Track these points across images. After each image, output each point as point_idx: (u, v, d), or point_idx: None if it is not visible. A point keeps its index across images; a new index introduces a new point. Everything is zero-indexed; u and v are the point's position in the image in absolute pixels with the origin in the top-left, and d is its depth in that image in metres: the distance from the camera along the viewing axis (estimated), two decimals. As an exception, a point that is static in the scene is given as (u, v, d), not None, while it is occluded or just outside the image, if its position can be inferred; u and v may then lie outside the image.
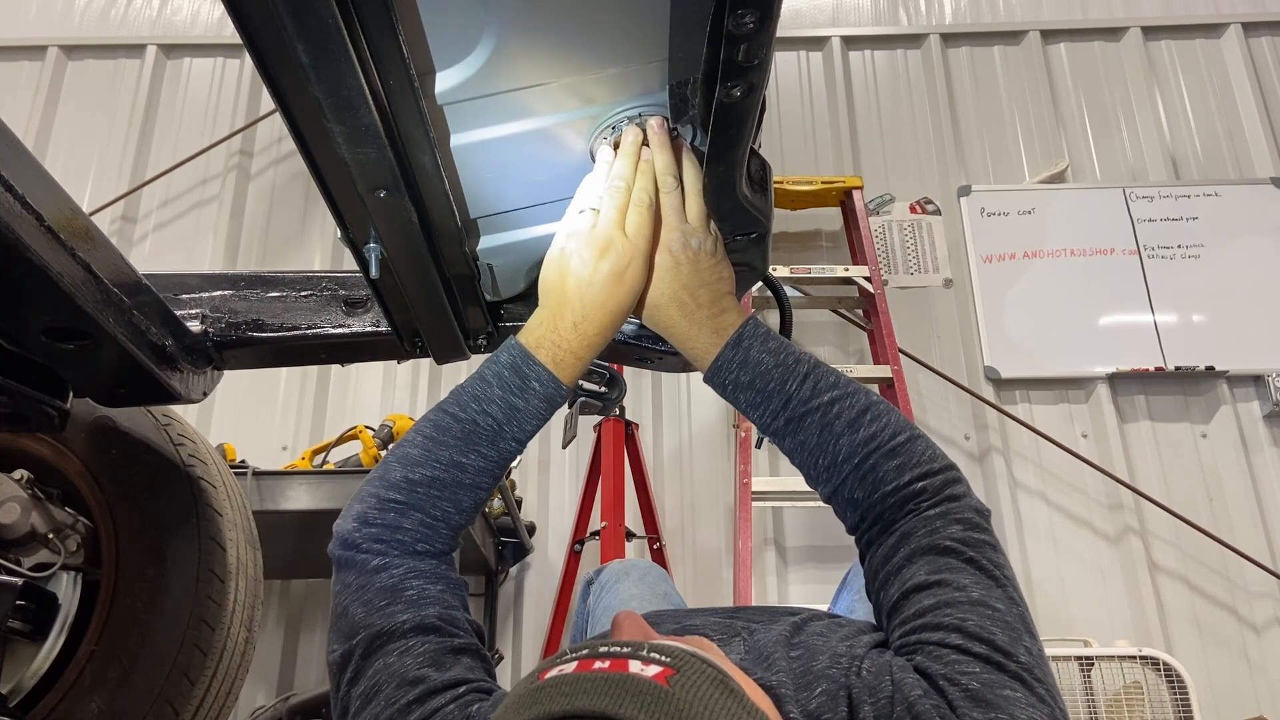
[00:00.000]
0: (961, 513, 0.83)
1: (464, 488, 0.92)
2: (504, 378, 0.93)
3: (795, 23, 4.47)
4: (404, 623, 0.82)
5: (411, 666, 0.79)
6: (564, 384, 0.94)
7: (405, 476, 0.91)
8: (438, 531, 0.91)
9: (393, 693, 0.78)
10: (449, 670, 0.80)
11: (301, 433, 3.74)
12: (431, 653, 0.81)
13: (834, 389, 0.91)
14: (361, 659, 0.82)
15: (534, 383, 0.93)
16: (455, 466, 0.91)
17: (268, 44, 0.78)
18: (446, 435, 0.92)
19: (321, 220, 4.12)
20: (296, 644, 3.49)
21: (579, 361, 0.94)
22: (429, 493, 0.91)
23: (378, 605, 0.84)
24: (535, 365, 0.93)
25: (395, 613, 0.83)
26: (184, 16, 4.51)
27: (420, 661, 0.80)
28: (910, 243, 4.04)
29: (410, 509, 0.90)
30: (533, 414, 0.93)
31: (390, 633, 0.82)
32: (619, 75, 0.92)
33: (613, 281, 0.93)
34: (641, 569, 1.62)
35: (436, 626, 0.83)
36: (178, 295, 1.32)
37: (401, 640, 0.81)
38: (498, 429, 0.92)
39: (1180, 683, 2.71)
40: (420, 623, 0.83)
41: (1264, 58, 4.33)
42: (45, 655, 1.49)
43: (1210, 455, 3.69)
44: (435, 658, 0.81)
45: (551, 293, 0.96)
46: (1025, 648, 0.72)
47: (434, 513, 0.91)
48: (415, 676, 0.79)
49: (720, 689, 0.58)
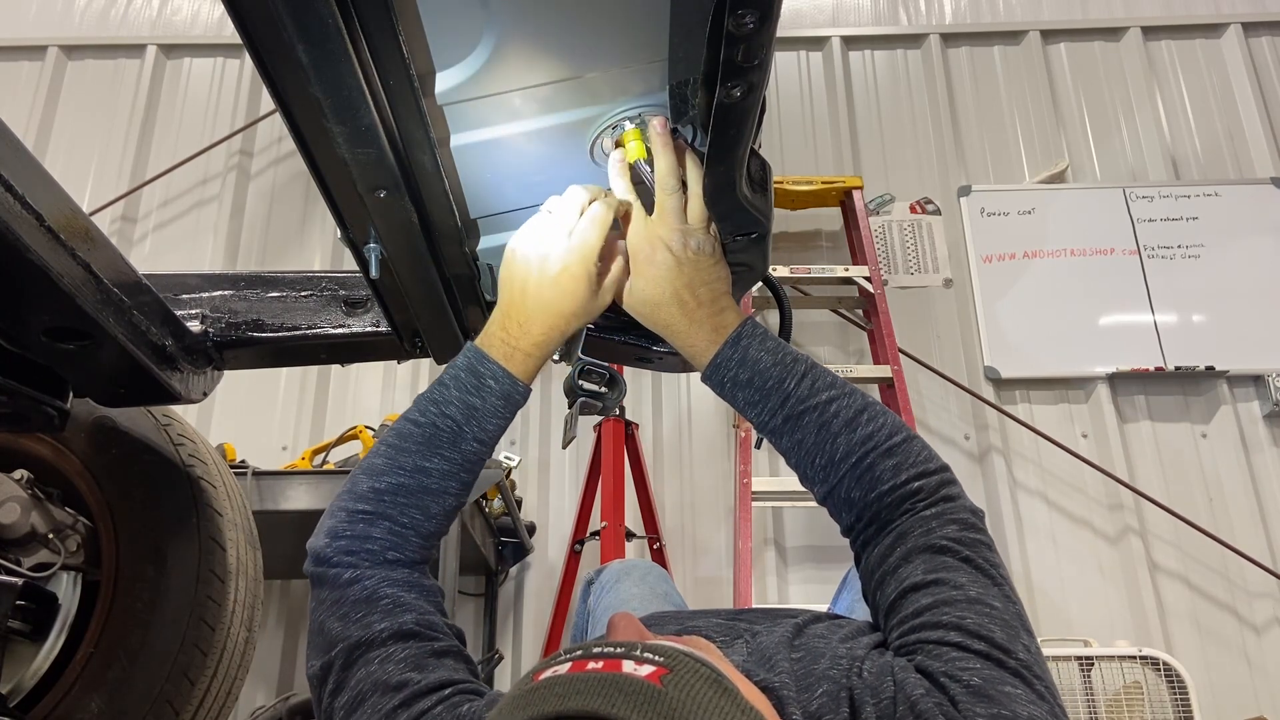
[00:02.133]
0: (957, 513, 0.84)
1: (430, 493, 0.93)
2: (460, 379, 0.95)
3: (795, 23, 4.46)
4: (382, 631, 0.83)
5: (394, 673, 0.80)
6: (520, 380, 0.95)
7: (371, 487, 0.92)
8: (407, 540, 0.91)
9: (377, 700, 0.78)
10: (432, 673, 0.80)
11: (301, 433, 3.74)
12: (412, 658, 0.81)
13: (831, 388, 0.92)
14: (342, 670, 0.82)
15: (489, 380, 0.94)
16: (419, 472, 0.92)
17: (268, 44, 0.79)
18: (408, 441, 0.93)
19: (321, 220, 4.12)
20: (296, 644, 3.49)
21: (529, 359, 0.96)
22: (395, 500, 0.91)
23: (354, 617, 0.84)
24: (489, 363, 0.94)
25: (372, 622, 0.84)
26: (184, 16, 4.51)
27: (402, 667, 0.80)
28: (910, 243, 4.04)
29: (378, 518, 0.90)
30: (491, 412, 0.94)
31: (369, 642, 0.82)
32: (619, 75, 0.92)
33: (551, 285, 0.94)
34: (642, 569, 1.62)
35: (415, 632, 0.84)
36: (178, 295, 1.32)
37: (381, 648, 0.82)
38: (458, 430, 0.93)
39: (1180, 683, 2.71)
40: (398, 629, 0.83)
41: (1264, 58, 4.33)
42: (45, 655, 1.49)
43: (1210, 455, 3.69)
44: (417, 662, 0.81)
45: (503, 291, 0.98)
46: (1024, 645, 0.72)
47: (402, 520, 0.91)
48: (398, 681, 0.79)
49: (714, 688, 0.58)
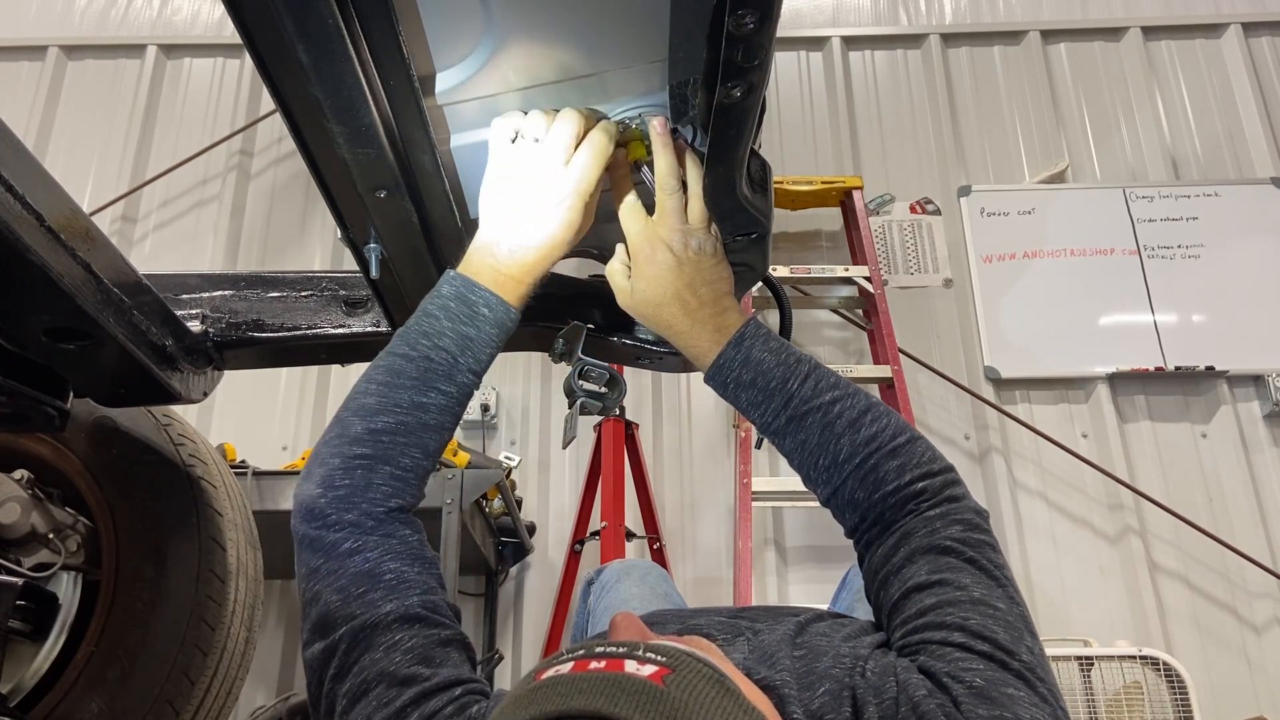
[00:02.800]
0: (961, 513, 0.84)
1: (429, 429, 0.90)
2: (450, 309, 0.92)
3: (795, 23, 4.46)
4: (388, 614, 0.80)
5: (401, 664, 0.78)
6: (512, 307, 0.95)
7: (367, 428, 0.87)
8: (408, 483, 0.89)
9: (384, 692, 0.77)
10: (440, 668, 0.79)
11: (301, 433, 3.74)
12: (419, 647, 0.80)
13: (835, 389, 0.92)
14: (346, 654, 0.80)
15: (483, 309, 0.93)
16: (417, 408, 0.89)
17: (268, 44, 0.79)
18: (401, 378, 0.90)
19: (321, 220, 4.12)
20: (296, 644, 3.47)
21: (521, 286, 0.95)
22: (394, 440, 0.88)
23: (355, 593, 0.81)
24: (481, 291, 0.93)
25: (376, 601, 0.81)
26: (184, 16, 4.51)
27: (410, 658, 0.79)
28: (910, 243, 4.04)
29: (379, 462, 0.87)
30: (486, 341, 0.93)
31: (374, 625, 0.80)
32: (619, 76, 0.92)
33: (549, 217, 0.94)
34: (642, 569, 1.62)
35: (421, 616, 0.82)
36: (178, 295, 1.32)
37: (387, 633, 0.80)
38: (453, 361, 0.91)
39: (1180, 683, 2.71)
40: (404, 613, 0.81)
41: (1264, 58, 4.33)
42: (45, 655, 1.49)
43: (1210, 455, 3.69)
44: (424, 653, 0.80)
45: (489, 219, 0.96)
46: (1027, 647, 0.72)
47: (403, 462, 0.88)
48: (406, 675, 0.78)
49: (716, 688, 0.58)
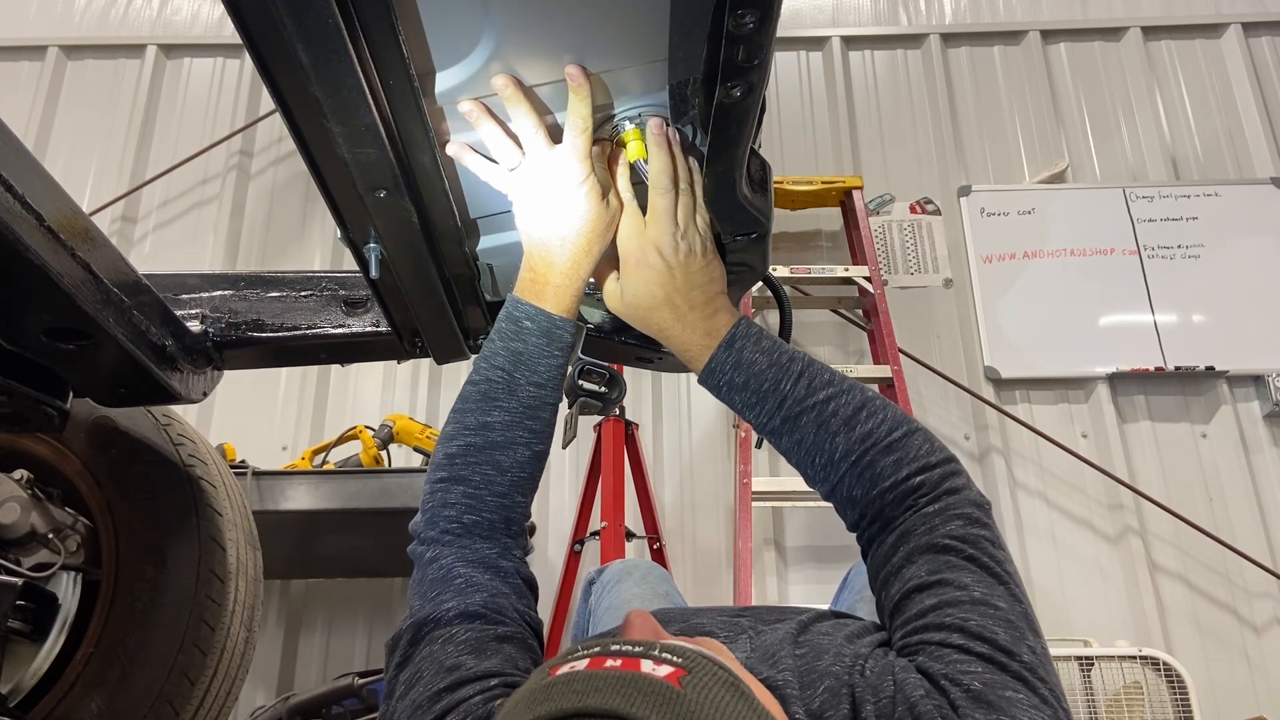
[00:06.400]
0: (960, 507, 0.83)
1: (497, 446, 0.95)
2: (501, 329, 0.98)
3: (795, 23, 4.46)
4: (449, 610, 0.84)
5: (452, 654, 0.81)
6: (556, 315, 0.97)
7: (445, 453, 0.95)
8: (482, 499, 0.93)
9: (431, 678, 0.79)
10: (487, 660, 0.81)
11: (301, 433, 3.74)
12: (473, 640, 0.82)
13: (829, 386, 0.91)
14: (409, 644, 0.84)
15: (525, 322, 0.96)
16: (483, 428, 0.95)
17: (268, 44, 0.79)
18: (468, 402, 0.97)
19: (321, 220, 4.12)
20: (296, 644, 3.49)
21: (561, 291, 0.97)
22: (466, 460, 0.94)
23: (430, 596, 0.87)
24: (524, 305, 0.97)
25: (442, 600, 0.86)
26: (184, 16, 4.51)
27: (460, 649, 0.81)
28: (910, 243, 4.04)
29: (453, 482, 0.93)
30: (536, 353, 0.96)
31: (436, 619, 0.84)
32: (619, 75, 0.92)
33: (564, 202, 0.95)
34: (643, 569, 1.62)
35: (480, 614, 0.85)
36: (178, 295, 1.33)
37: (446, 627, 0.83)
38: (509, 378, 0.96)
39: (1180, 683, 2.71)
40: (465, 609, 0.84)
41: (1264, 58, 4.33)
42: (45, 655, 1.49)
43: (1210, 455, 3.69)
44: (476, 645, 0.82)
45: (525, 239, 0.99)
46: (1028, 647, 0.72)
47: (475, 479, 0.94)
48: (452, 664, 0.80)
49: (731, 692, 0.58)
